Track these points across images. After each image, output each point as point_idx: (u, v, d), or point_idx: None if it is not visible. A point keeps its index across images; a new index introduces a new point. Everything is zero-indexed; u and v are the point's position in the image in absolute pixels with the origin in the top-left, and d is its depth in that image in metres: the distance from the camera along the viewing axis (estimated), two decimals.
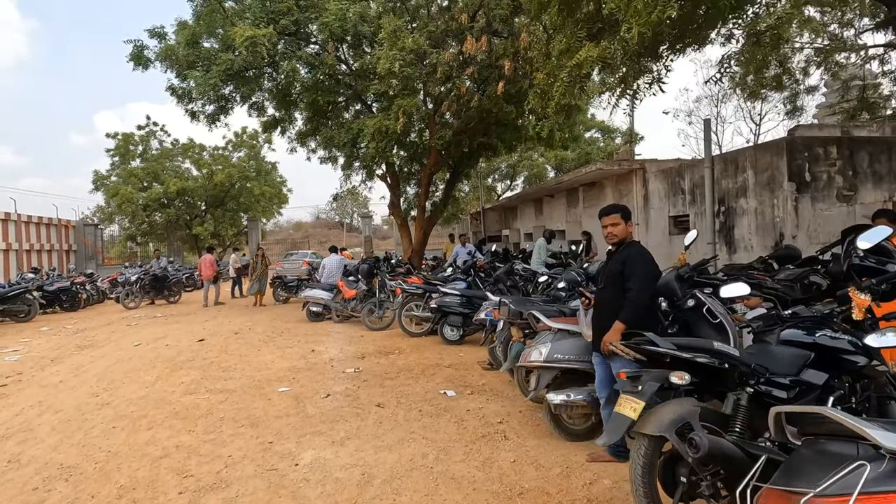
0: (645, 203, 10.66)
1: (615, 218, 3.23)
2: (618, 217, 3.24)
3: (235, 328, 9.72)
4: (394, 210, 15.19)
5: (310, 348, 7.48)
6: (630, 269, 3.07)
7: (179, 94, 11.69)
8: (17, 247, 22.83)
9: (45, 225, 25.34)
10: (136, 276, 13.94)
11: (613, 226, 3.23)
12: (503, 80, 10.30)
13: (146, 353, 7.57)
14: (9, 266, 21.89)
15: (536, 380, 3.45)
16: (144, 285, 14.03)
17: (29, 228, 24.04)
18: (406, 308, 8.21)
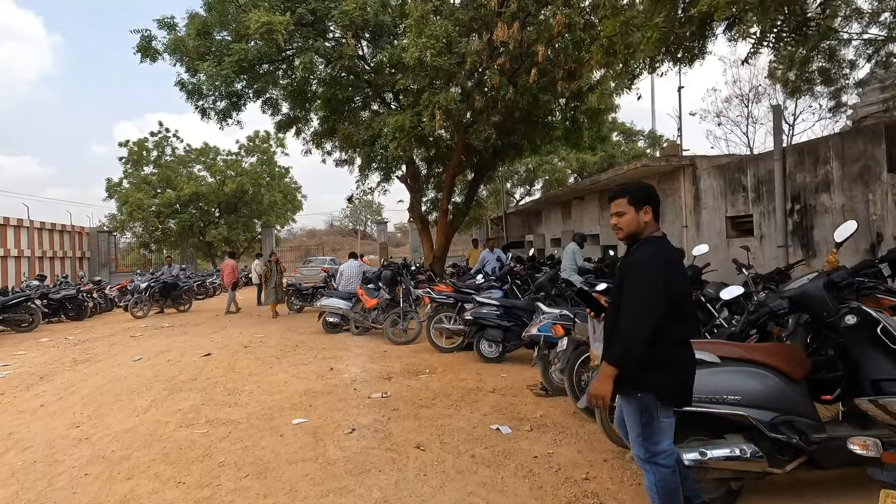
0: (696, 203, 9.60)
1: (620, 204, 2.25)
2: (624, 203, 2.24)
3: (246, 340, 8.87)
4: (414, 213, 14.33)
5: (328, 366, 6.57)
6: (627, 286, 2.11)
7: (189, 89, 11.01)
8: (29, 253, 22.45)
9: (59, 232, 24.99)
10: (145, 284, 13.22)
11: (618, 215, 2.26)
12: (535, 69, 9.40)
13: (145, 370, 6.73)
14: (20, 273, 21.48)
15: None
16: (154, 293, 13.30)
17: (42, 235, 23.68)
18: (436, 320, 7.27)
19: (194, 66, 9.87)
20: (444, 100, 8.93)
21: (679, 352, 2.08)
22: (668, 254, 2.11)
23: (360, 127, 11.35)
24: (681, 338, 2.10)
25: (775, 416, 2.37)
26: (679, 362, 2.08)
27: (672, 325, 2.03)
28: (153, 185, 26.63)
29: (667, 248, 2.15)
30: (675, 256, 2.15)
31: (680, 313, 2.05)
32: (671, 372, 2.05)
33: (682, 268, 2.17)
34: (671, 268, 2.06)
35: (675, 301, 2.02)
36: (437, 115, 9.02)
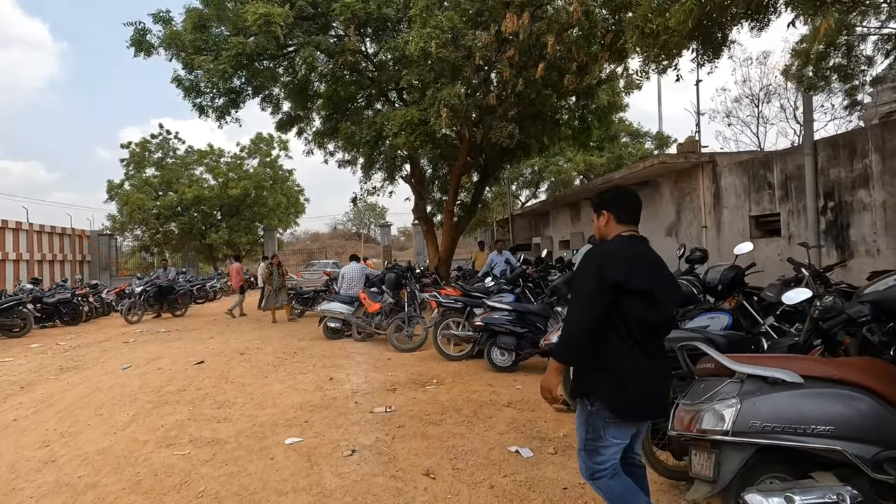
0: (716, 202, 9.11)
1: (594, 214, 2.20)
2: (591, 209, 2.25)
3: (242, 347, 8.42)
4: (419, 215, 13.88)
5: (327, 375, 6.11)
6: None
7: (186, 86, 10.62)
8: (28, 257, 22.13)
9: (59, 235, 24.70)
10: (140, 288, 12.69)
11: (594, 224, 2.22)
12: (544, 62, 8.95)
13: (132, 379, 6.29)
14: (19, 276, 21.15)
15: (713, 463, 2.00)
16: (149, 298, 12.80)
17: (42, 238, 23.39)
18: (443, 326, 6.80)
19: (190, 62, 9.48)
20: (448, 96, 8.48)
21: (636, 360, 1.89)
22: (616, 251, 1.97)
23: (363, 125, 10.91)
24: (640, 346, 1.90)
25: (878, 452, 1.89)
26: (635, 372, 1.89)
27: (626, 331, 1.89)
28: (154, 188, 26.31)
29: (618, 246, 2.00)
30: (626, 254, 1.96)
31: (637, 319, 1.89)
32: (625, 383, 1.89)
33: (637, 267, 1.92)
34: (612, 263, 1.90)
35: (627, 302, 1.88)
36: (444, 113, 8.58)
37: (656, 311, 1.91)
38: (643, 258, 1.98)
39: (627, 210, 2.09)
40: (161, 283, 13.05)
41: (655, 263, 2.02)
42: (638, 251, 2.00)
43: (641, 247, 2.03)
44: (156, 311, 13.23)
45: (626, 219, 2.08)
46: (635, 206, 2.12)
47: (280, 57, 11.29)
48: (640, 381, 1.89)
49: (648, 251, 2.05)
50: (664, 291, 1.94)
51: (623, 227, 2.06)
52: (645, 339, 1.91)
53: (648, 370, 1.91)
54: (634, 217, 2.10)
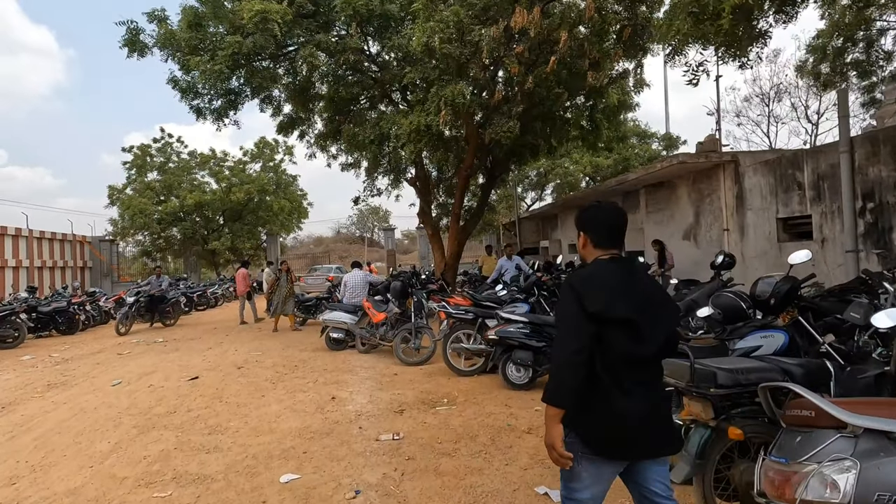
0: (738, 204, 8.63)
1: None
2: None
3: (241, 359, 7.99)
4: (424, 218, 13.44)
5: (329, 394, 5.66)
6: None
7: (183, 87, 10.23)
8: (27, 264, 21.83)
9: (59, 241, 24.41)
10: (132, 298, 12.12)
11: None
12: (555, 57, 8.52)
13: (121, 398, 5.86)
14: (18, 283, 20.84)
15: None
16: (140, 308, 12.20)
17: (42, 245, 23.09)
18: (453, 338, 6.34)
19: (186, 62, 9.09)
20: (450, 93, 8.05)
21: (615, 396, 1.71)
22: (592, 277, 1.78)
23: (367, 127, 10.50)
24: (620, 379, 1.71)
25: None
26: (615, 408, 1.70)
27: (605, 364, 1.72)
28: (156, 192, 26.01)
29: (595, 271, 1.81)
30: (604, 280, 1.76)
31: (619, 351, 1.70)
32: (602, 418, 1.72)
33: (616, 294, 1.73)
34: (588, 290, 1.72)
35: (607, 333, 1.70)
36: (443, 111, 8.14)
37: (641, 343, 1.71)
38: (624, 283, 1.76)
39: (606, 233, 1.86)
40: (153, 293, 12.52)
41: (641, 289, 1.79)
42: (618, 276, 1.77)
43: (623, 271, 1.80)
44: (147, 321, 12.67)
45: (605, 243, 1.85)
46: (615, 228, 1.87)
47: (280, 57, 10.91)
48: (620, 418, 1.70)
49: (633, 275, 1.82)
50: (651, 319, 1.73)
51: (601, 251, 1.85)
52: (629, 372, 1.71)
53: (630, 407, 1.70)
54: (614, 241, 1.86)
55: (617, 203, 2.12)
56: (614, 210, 1.90)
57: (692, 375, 2.29)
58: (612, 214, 1.88)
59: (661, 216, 11.17)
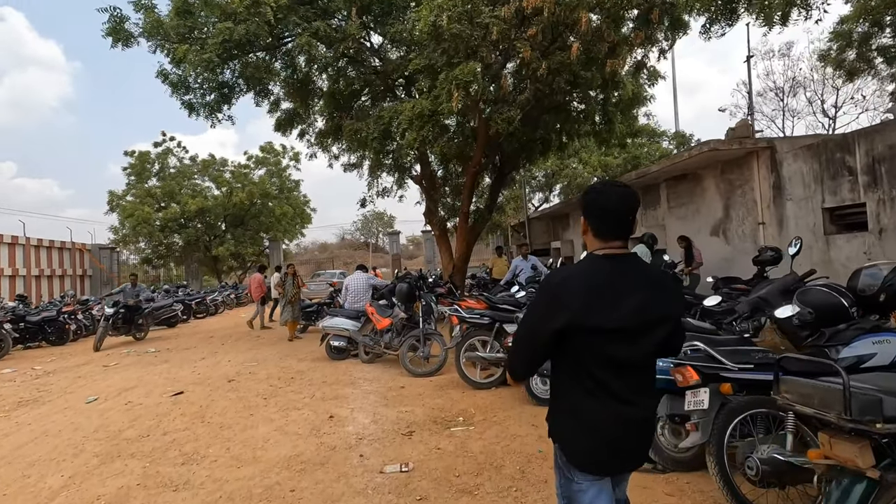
0: (776, 195, 7.87)
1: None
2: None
3: (233, 371, 7.30)
4: (431, 219, 12.75)
5: (327, 411, 4.94)
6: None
7: (174, 81, 9.62)
8: (24, 272, 21.33)
9: (58, 249, 23.93)
10: (112, 310, 10.74)
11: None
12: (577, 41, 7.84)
13: (91, 418, 5.17)
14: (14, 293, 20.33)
15: None
16: (118, 320, 10.95)
17: (39, 253, 22.60)
18: (467, 346, 5.61)
19: (174, 52, 8.47)
20: (462, 73, 7.36)
21: (596, 403, 1.53)
22: (570, 279, 1.55)
23: (369, 122, 9.84)
24: (603, 386, 1.52)
25: None
26: (594, 417, 1.53)
27: (585, 370, 1.53)
28: (157, 199, 25.52)
29: (578, 272, 1.58)
30: (584, 283, 1.52)
31: (602, 357, 1.51)
32: (581, 427, 1.56)
33: (597, 299, 1.49)
34: (564, 296, 1.51)
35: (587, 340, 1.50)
36: (455, 93, 7.45)
37: (629, 348, 1.52)
38: (610, 287, 1.54)
39: (607, 222, 1.60)
40: (127, 303, 11.15)
41: (634, 290, 1.54)
42: (604, 278, 1.55)
43: (613, 272, 1.56)
44: (123, 334, 11.35)
45: (605, 234, 1.60)
46: (618, 216, 1.58)
47: (275, 48, 10.30)
48: (600, 427, 1.54)
49: (625, 275, 1.56)
50: (643, 323, 1.53)
51: (600, 243, 1.61)
52: (612, 378, 1.53)
53: (613, 416, 1.54)
54: (617, 230, 1.59)
55: (625, 184, 1.65)
56: (620, 193, 1.58)
57: (847, 404, 1.56)
58: (616, 198, 1.57)
59: (684, 211, 10.41)
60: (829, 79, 22.60)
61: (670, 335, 1.58)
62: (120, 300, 11.05)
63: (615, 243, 1.57)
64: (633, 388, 1.54)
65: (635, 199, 1.59)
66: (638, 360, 1.53)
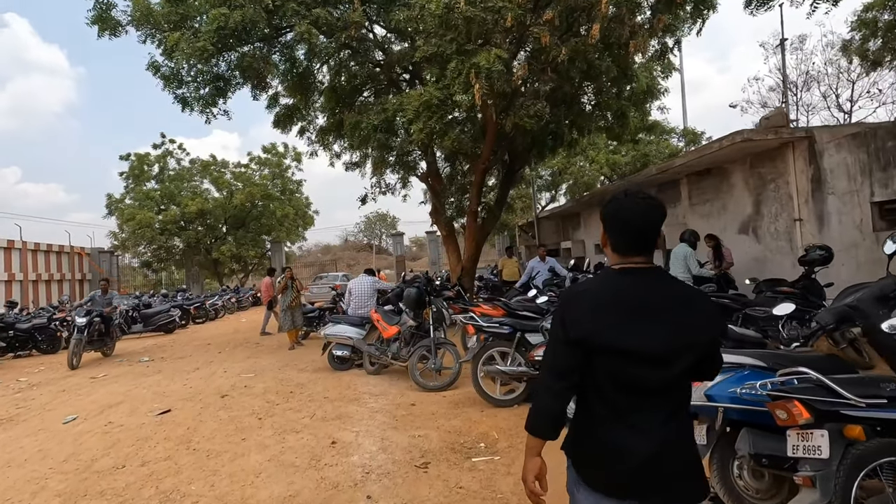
0: (815, 188, 7.24)
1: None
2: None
3: (227, 384, 6.73)
4: (437, 218, 12.15)
5: (328, 435, 4.35)
6: None
7: (166, 75, 9.07)
8: (21, 277, 20.86)
9: (56, 253, 23.48)
10: (84, 320, 9.15)
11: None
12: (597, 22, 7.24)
13: (64, 442, 4.61)
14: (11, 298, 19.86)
15: None
16: (92, 332, 9.43)
17: (37, 257, 22.16)
18: (485, 358, 5.02)
19: (165, 40, 7.92)
20: (484, 61, 6.77)
21: (610, 425, 1.41)
22: (581, 296, 1.48)
23: (371, 114, 9.25)
24: (619, 408, 1.40)
25: None
26: (609, 439, 1.41)
27: (597, 389, 1.43)
28: (156, 201, 25.06)
29: (590, 288, 1.50)
30: (595, 300, 1.44)
31: (616, 377, 1.40)
32: (596, 449, 1.44)
33: (609, 317, 1.40)
34: (573, 313, 1.44)
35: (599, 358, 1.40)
36: (477, 84, 6.85)
37: (648, 370, 1.37)
38: (624, 305, 1.40)
39: (625, 237, 1.45)
40: (100, 312, 9.61)
41: (652, 309, 1.39)
42: (618, 295, 1.42)
43: (629, 288, 1.42)
44: (95, 349, 9.91)
45: (622, 249, 1.46)
46: (638, 232, 1.43)
47: (274, 39, 9.75)
48: (617, 454, 1.39)
49: (645, 292, 1.41)
50: (666, 343, 1.36)
51: (619, 257, 1.47)
52: (631, 402, 1.39)
53: (632, 443, 1.38)
54: (636, 247, 1.44)
55: (651, 196, 1.46)
56: (641, 206, 1.44)
57: None
58: (636, 212, 1.44)
59: (708, 208, 9.78)
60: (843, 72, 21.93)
61: (702, 362, 1.43)
62: (92, 310, 9.52)
63: (636, 259, 1.45)
64: (653, 415, 1.40)
65: (659, 212, 1.45)
66: (660, 385, 1.39)
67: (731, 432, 2.62)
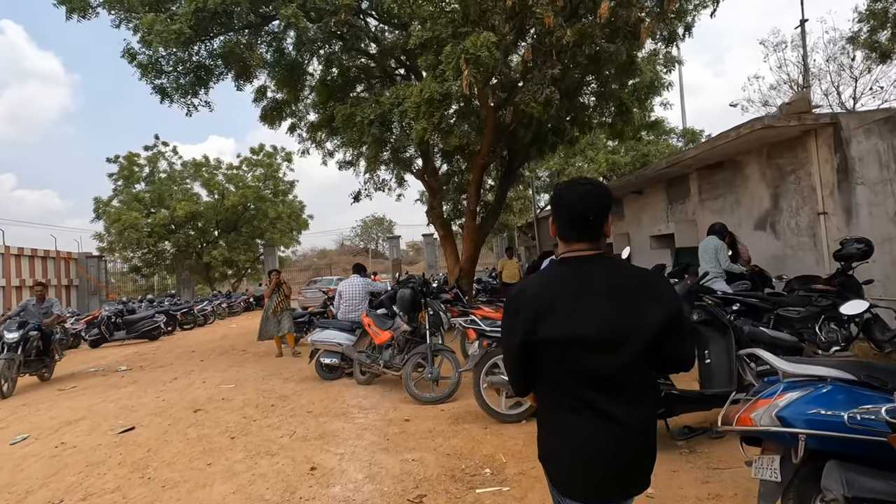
0: (842, 178, 6.70)
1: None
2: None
3: (203, 396, 6.11)
4: (434, 218, 11.58)
5: (308, 459, 3.75)
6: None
7: (143, 63, 8.48)
8: (4, 283, 20.12)
9: (42, 258, 22.73)
10: (15, 335, 7.20)
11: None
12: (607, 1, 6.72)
13: (3, 470, 3.98)
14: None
15: None
16: (29, 349, 7.57)
17: (21, 262, 21.41)
18: (488, 367, 4.42)
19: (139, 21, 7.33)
20: (472, 45, 6.23)
21: (565, 418, 1.41)
22: (524, 291, 1.48)
23: (365, 106, 8.69)
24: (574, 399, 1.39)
25: None
26: (564, 433, 1.41)
27: (551, 381, 1.43)
28: (146, 204, 24.39)
29: (533, 282, 1.49)
30: (536, 293, 1.43)
31: (566, 367, 1.38)
32: (554, 444, 1.45)
33: (549, 308, 1.38)
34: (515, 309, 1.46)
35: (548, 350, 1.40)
36: (465, 69, 6.30)
37: (599, 359, 1.34)
38: (566, 293, 1.38)
39: (567, 221, 1.45)
40: (37, 325, 7.68)
41: (595, 294, 1.36)
42: (559, 285, 1.41)
43: (571, 276, 1.40)
44: (31, 372, 7.94)
45: (567, 235, 1.45)
46: (575, 217, 1.43)
47: (259, 27, 9.20)
48: (578, 447, 1.38)
49: (588, 278, 1.38)
50: (607, 332, 1.33)
51: (564, 246, 1.46)
52: (587, 392, 1.36)
53: (590, 434, 1.36)
54: (578, 231, 1.43)
55: (592, 181, 1.44)
56: (582, 191, 1.42)
57: None
58: (574, 198, 1.42)
59: (720, 203, 9.24)
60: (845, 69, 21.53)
61: (660, 343, 1.35)
62: (26, 322, 7.56)
63: (578, 245, 1.43)
64: (614, 403, 1.35)
65: (598, 197, 1.41)
66: (607, 373, 1.34)
67: (812, 464, 2.05)
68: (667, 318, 1.34)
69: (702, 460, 3.30)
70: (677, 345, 1.39)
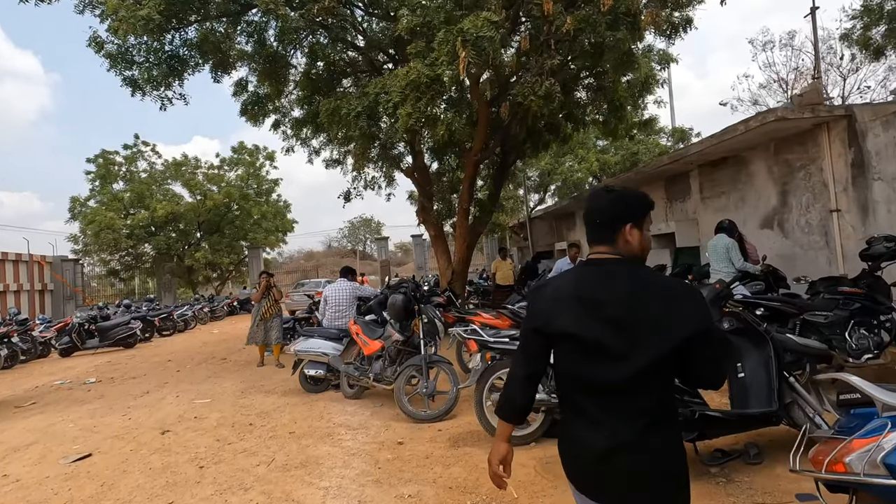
0: (857, 174, 6.36)
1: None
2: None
3: (175, 414, 5.54)
4: (425, 217, 11.07)
5: (286, 495, 3.23)
6: None
7: (112, 53, 7.87)
8: None
9: (13, 262, 21.75)
10: None
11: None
12: None
13: None
14: None
15: None
16: None
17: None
18: (491, 381, 3.94)
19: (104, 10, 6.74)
20: (471, 26, 5.77)
21: (572, 422, 1.43)
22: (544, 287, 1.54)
23: (351, 98, 8.16)
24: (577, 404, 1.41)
25: None
26: (571, 436, 1.43)
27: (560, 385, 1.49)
28: (125, 204, 23.51)
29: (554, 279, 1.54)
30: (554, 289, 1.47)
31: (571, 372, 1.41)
32: (564, 437, 1.48)
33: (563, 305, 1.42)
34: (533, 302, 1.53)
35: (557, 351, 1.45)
36: (463, 52, 5.83)
37: (606, 364, 1.32)
38: (584, 294, 1.40)
39: (588, 226, 1.50)
40: None
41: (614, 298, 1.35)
42: (576, 285, 1.43)
43: (591, 277, 1.42)
44: None
45: (590, 238, 1.51)
46: (591, 222, 1.48)
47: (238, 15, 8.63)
48: (576, 448, 1.41)
49: (608, 282, 1.38)
50: (629, 337, 1.31)
51: (590, 248, 1.52)
52: (591, 397, 1.37)
53: (588, 438, 1.36)
54: (597, 235, 1.48)
55: (613, 188, 1.49)
56: (594, 194, 1.52)
57: None
58: (588, 200, 1.53)
59: (723, 201, 8.90)
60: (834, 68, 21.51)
61: (685, 357, 1.31)
62: None
63: (597, 248, 1.47)
64: (611, 414, 1.33)
65: (608, 201, 1.45)
66: (620, 381, 1.31)
67: None
68: (691, 331, 1.30)
69: (743, 493, 2.86)
70: (706, 360, 1.34)
